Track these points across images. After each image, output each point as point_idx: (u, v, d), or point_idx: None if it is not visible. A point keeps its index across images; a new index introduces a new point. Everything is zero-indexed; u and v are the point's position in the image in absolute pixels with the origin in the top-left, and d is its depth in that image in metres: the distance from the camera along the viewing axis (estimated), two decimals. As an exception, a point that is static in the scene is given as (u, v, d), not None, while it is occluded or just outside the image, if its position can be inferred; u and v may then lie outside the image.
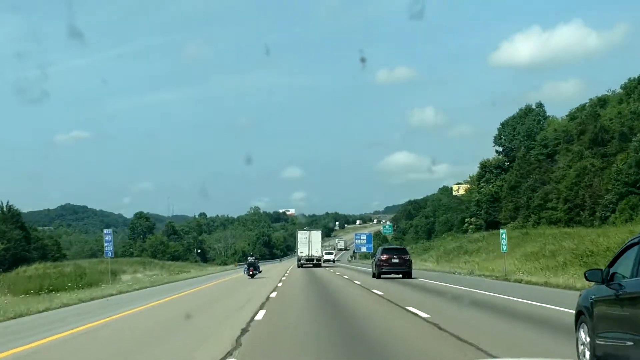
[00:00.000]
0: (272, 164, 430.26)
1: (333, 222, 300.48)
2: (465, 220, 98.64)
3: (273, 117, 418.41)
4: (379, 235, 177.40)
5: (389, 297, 23.76)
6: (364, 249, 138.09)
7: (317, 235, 75.11)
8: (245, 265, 47.85)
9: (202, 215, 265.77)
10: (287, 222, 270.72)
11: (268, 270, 63.21)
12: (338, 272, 55.51)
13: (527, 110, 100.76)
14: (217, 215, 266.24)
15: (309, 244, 73.29)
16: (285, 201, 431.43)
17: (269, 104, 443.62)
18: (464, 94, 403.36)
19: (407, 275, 38.81)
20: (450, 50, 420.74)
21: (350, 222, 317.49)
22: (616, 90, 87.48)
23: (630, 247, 8.94)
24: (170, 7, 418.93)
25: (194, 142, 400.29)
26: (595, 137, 73.60)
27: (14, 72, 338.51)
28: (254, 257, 48.28)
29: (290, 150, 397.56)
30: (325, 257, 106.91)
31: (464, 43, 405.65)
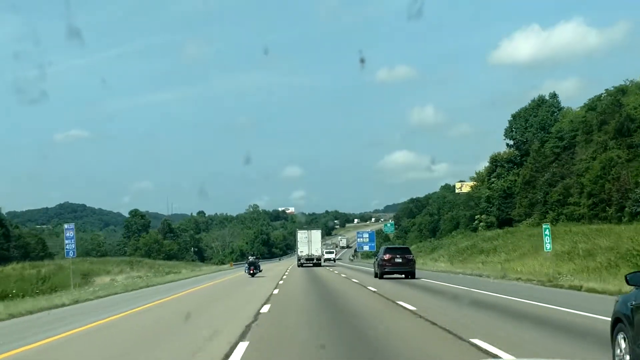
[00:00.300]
0: (272, 163, 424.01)
1: (333, 221, 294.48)
2: (475, 217, 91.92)
3: (273, 116, 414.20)
4: (380, 234, 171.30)
5: (423, 314, 17.11)
6: (366, 248, 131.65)
7: (317, 234, 74.49)
8: (246, 265, 48.81)
9: (201, 213, 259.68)
10: (287, 221, 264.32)
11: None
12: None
13: (540, 101, 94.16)
14: (215, 214, 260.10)
15: (309, 243, 72.69)
16: (285, 200, 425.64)
17: (269, 103, 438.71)
18: (464, 93, 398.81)
19: (411, 275, 37.52)
20: (450, 49, 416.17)
21: (350, 221, 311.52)
22: (634, 79, 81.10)
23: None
24: (170, 7, 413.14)
25: (193, 141, 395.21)
26: (620, 126, 66.98)
27: (13, 72, 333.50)
28: (254, 257, 50.11)
29: (290, 150, 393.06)
30: (325, 256, 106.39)
31: (464, 42, 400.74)
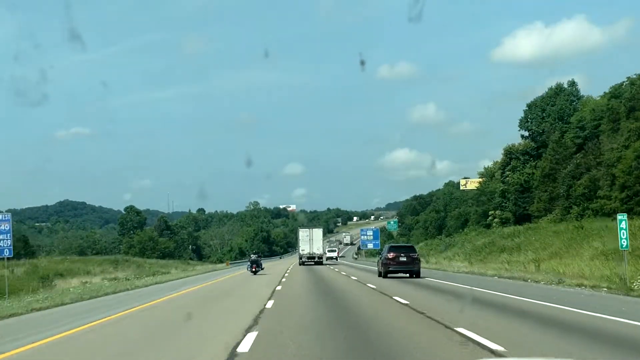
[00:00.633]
0: (273, 161, 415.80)
1: (335, 218, 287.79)
2: (489, 213, 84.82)
3: (274, 114, 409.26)
4: (384, 232, 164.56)
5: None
6: (370, 246, 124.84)
7: (318, 233, 73.53)
8: (248, 263, 49.45)
9: (200, 210, 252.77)
10: (288, 218, 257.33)
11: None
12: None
13: (557, 90, 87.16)
14: (215, 211, 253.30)
15: (311, 242, 72.10)
16: (286, 198, 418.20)
17: (270, 101, 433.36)
18: (465, 91, 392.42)
19: (416, 274, 36.30)
20: (452, 47, 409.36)
21: (352, 219, 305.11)
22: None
23: None
24: (171, 5, 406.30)
25: (194, 139, 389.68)
26: (654, 112, 60.06)
27: (13, 69, 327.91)
28: (257, 255, 51.97)
29: (291, 148, 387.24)
30: (327, 254, 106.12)
31: (466, 40, 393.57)
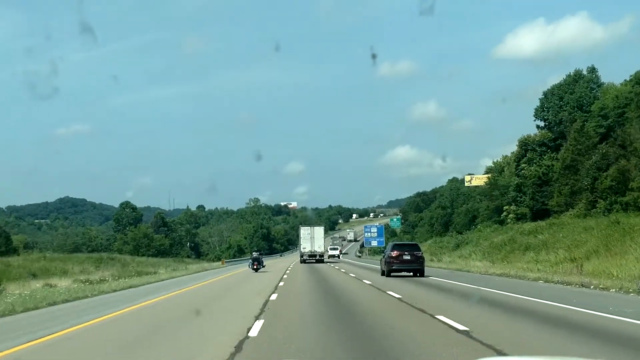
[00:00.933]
0: (274, 159, 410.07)
1: (337, 216, 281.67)
2: (503, 208, 78.48)
3: (275, 112, 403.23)
4: (387, 229, 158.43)
5: None
6: (374, 243, 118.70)
7: (319, 231, 73.03)
8: (250, 260, 49.85)
9: (200, 207, 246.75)
10: (289, 215, 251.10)
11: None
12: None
13: (576, 76, 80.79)
14: (215, 208, 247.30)
15: (312, 239, 71.45)
16: (287, 195, 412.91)
17: (272, 100, 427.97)
18: (467, 89, 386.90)
19: (420, 273, 35.22)
20: (454, 45, 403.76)
21: (361, 215, 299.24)
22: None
23: None
24: (171, 5, 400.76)
25: (196, 137, 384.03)
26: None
27: (14, 66, 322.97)
28: (258, 253, 52.43)
29: (293, 146, 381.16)
30: (329, 252, 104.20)
31: (468, 37, 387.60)
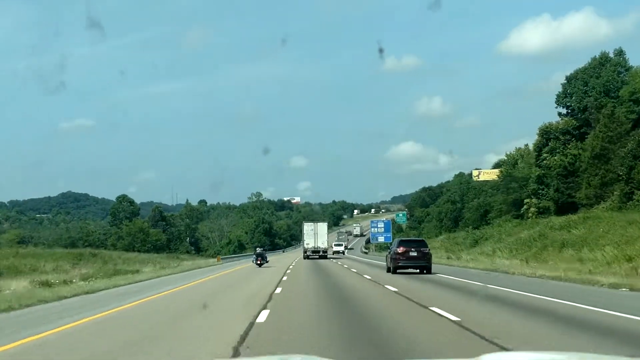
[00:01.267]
0: (278, 154, 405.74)
1: (341, 211, 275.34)
2: (524, 201, 71.66)
3: (278, 108, 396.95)
4: (393, 225, 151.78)
5: None
6: (381, 239, 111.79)
7: (323, 227, 72.55)
8: (254, 256, 50.22)
9: (202, 202, 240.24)
10: (292, 210, 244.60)
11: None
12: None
13: (602, 60, 74.05)
14: (217, 203, 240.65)
15: (315, 235, 70.57)
16: (290, 191, 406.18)
17: (275, 94, 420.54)
18: (473, 84, 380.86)
19: (427, 270, 33.57)
20: (459, 40, 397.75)
21: (363, 211, 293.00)
22: None
23: None
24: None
25: (199, 132, 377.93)
26: None
27: (18, 61, 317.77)
28: (262, 248, 53.83)
29: (296, 141, 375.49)
30: (334, 248, 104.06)
31: (472, 33, 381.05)
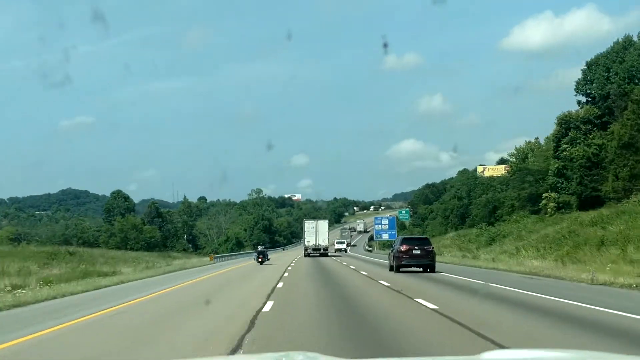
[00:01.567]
0: (279, 152, 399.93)
1: (343, 208, 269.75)
2: (542, 196, 65.65)
3: (281, 105, 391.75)
4: (396, 222, 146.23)
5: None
6: (385, 236, 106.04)
7: (324, 224, 71.71)
8: (255, 253, 51.83)
9: (202, 199, 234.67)
10: (293, 208, 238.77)
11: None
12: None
13: (626, 43, 68.21)
14: (217, 200, 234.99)
15: (316, 233, 70.07)
16: (291, 188, 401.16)
17: (277, 93, 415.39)
18: (474, 82, 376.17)
19: (430, 269, 32.33)
20: (461, 38, 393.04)
21: (362, 209, 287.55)
22: None
23: None
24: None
25: (200, 130, 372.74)
26: None
27: (17, 58, 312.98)
28: (264, 246, 56.08)
29: (297, 139, 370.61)
30: (336, 246, 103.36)
31: (473, 30, 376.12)
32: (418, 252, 32.53)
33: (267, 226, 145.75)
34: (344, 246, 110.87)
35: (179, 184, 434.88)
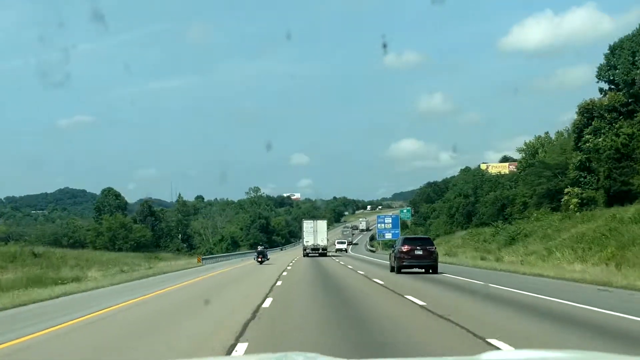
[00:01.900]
0: (278, 151, 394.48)
1: (342, 207, 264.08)
2: (564, 191, 59.17)
3: (280, 104, 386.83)
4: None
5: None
6: (388, 236, 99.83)
7: (322, 224, 71.44)
8: (255, 253, 51.92)
9: (199, 198, 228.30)
10: (292, 207, 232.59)
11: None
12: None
13: (653, 25, 61.86)
14: (215, 199, 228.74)
15: (315, 233, 69.74)
16: (290, 187, 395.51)
17: (276, 91, 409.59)
18: (474, 80, 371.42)
19: (432, 269, 31.67)
20: (461, 36, 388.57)
21: (359, 208, 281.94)
22: None
23: None
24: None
25: (200, 128, 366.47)
26: None
27: (16, 57, 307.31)
28: (263, 247, 55.50)
29: (297, 138, 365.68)
30: (337, 246, 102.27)
31: (473, 29, 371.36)
32: (420, 252, 31.91)
33: (264, 225, 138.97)
34: (344, 246, 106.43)
35: (178, 183, 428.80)
